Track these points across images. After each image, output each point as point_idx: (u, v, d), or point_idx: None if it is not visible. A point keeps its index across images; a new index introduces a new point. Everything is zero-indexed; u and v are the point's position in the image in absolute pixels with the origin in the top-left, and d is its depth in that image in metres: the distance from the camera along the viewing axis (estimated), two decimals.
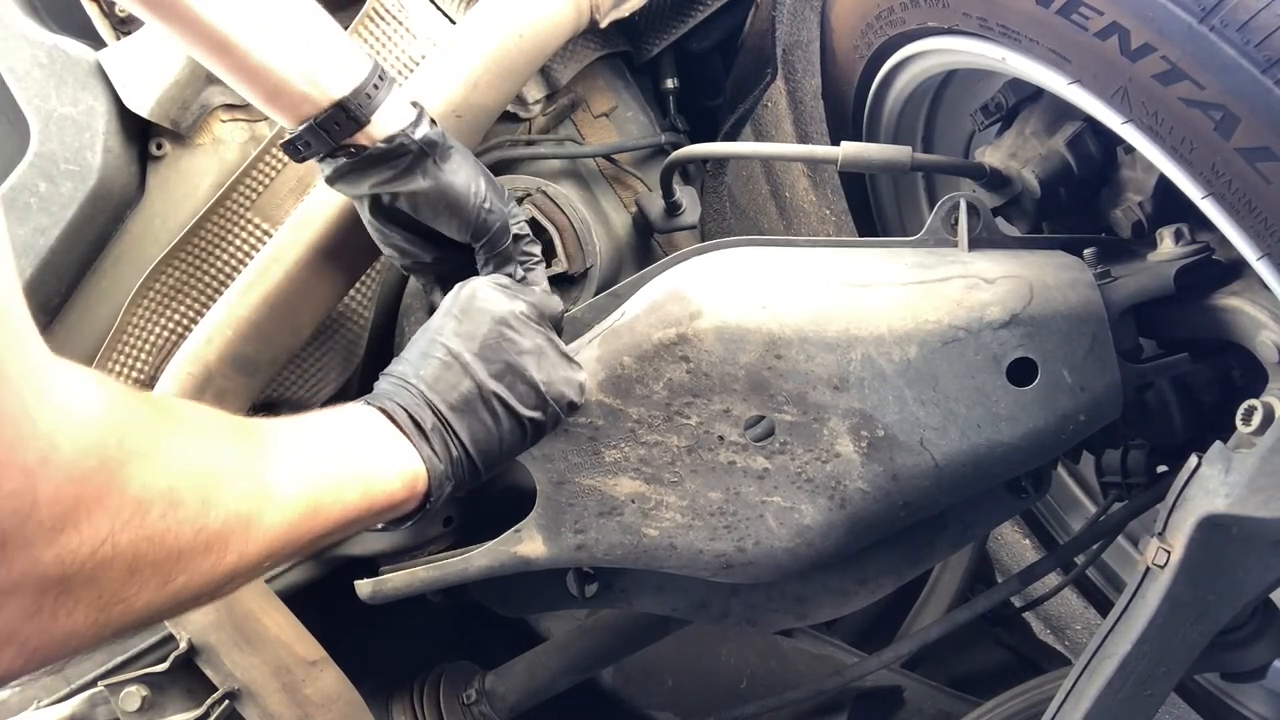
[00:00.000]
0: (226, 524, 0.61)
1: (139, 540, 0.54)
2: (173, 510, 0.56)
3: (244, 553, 0.64)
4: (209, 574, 0.61)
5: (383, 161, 0.92)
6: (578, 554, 0.95)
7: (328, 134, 0.91)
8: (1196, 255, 0.94)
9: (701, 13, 1.38)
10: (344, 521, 0.75)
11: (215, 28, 0.86)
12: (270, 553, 0.67)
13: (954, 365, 0.92)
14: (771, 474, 0.93)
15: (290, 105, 0.91)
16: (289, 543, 0.69)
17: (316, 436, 0.77)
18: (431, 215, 0.96)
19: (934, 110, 1.23)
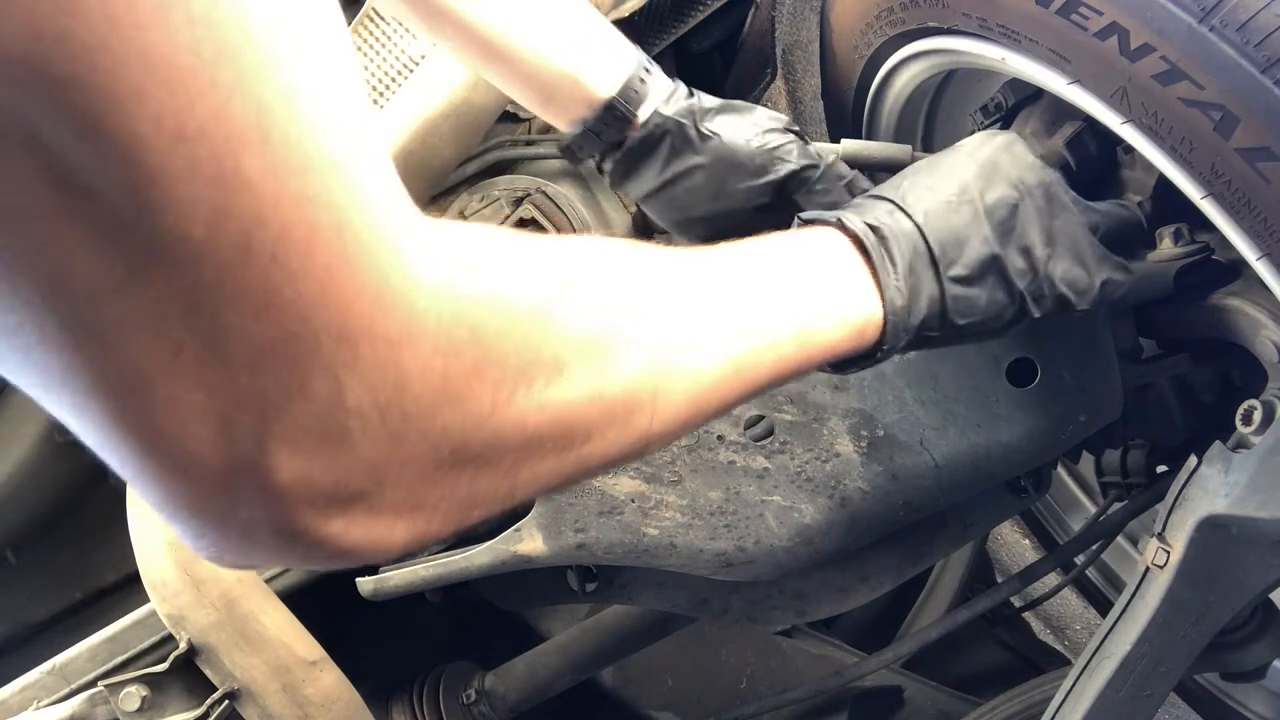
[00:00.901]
0: (629, 392, 0.55)
1: (528, 412, 0.50)
2: (562, 379, 0.51)
3: (654, 417, 0.57)
4: (617, 441, 0.56)
5: (644, 152, 0.89)
6: (578, 552, 0.95)
7: (598, 136, 0.89)
8: (1196, 255, 0.94)
9: (701, 13, 1.38)
10: (772, 379, 0.66)
11: (486, 37, 0.85)
12: (686, 418, 0.60)
13: (954, 365, 0.92)
14: (771, 473, 0.93)
15: (562, 110, 0.89)
16: (706, 407, 0.61)
17: (753, 271, 0.67)
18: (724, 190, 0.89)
19: (934, 110, 1.23)
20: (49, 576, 1.34)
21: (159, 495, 0.44)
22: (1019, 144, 0.81)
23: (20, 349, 0.40)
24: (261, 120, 0.38)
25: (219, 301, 0.39)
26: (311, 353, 0.41)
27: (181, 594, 1.04)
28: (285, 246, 0.40)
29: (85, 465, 1.28)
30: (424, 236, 0.46)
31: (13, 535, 1.30)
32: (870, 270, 0.71)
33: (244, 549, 0.46)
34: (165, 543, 1.04)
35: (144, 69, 0.35)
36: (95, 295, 0.38)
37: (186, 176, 0.37)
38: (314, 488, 0.44)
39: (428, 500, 0.49)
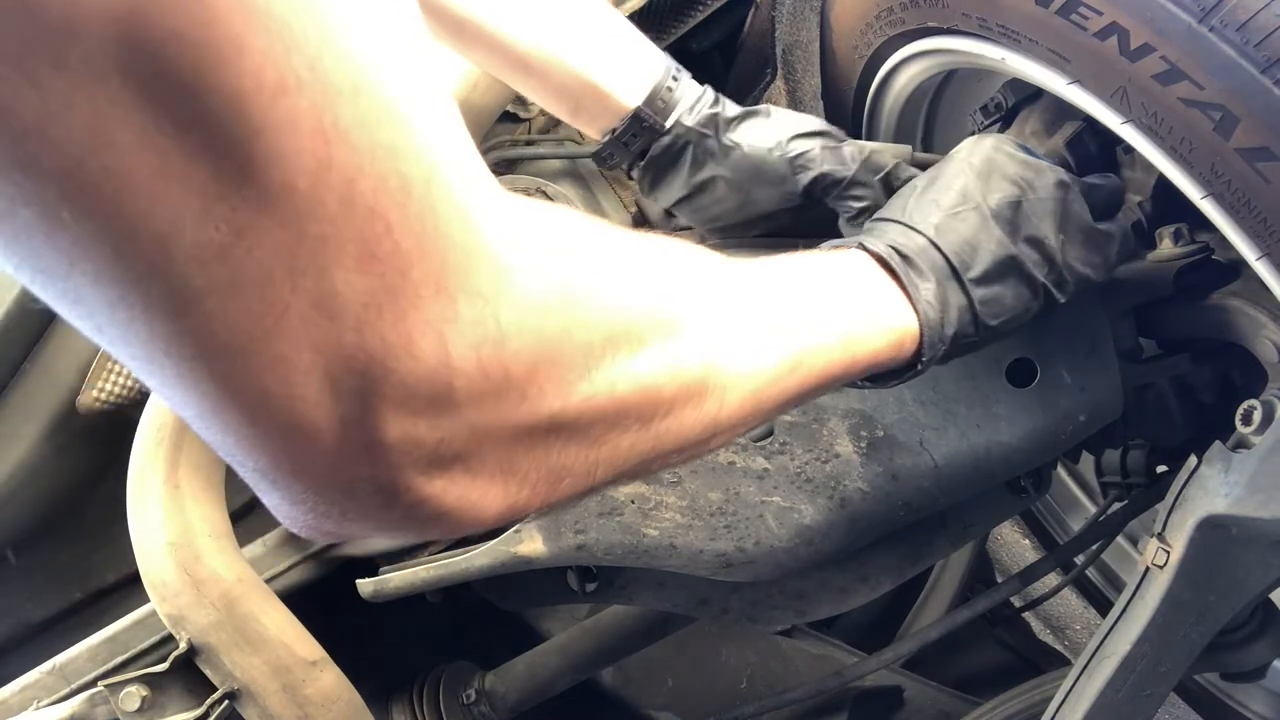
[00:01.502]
0: (703, 373, 0.56)
1: (617, 379, 0.51)
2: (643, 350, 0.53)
3: (723, 403, 0.58)
4: (691, 422, 0.57)
5: (668, 162, 0.90)
6: (578, 554, 0.95)
7: (626, 146, 0.89)
8: (1196, 255, 0.94)
9: (701, 13, 1.38)
10: (825, 380, 0.67)
11: (514, 50, 0.86)
12: (749, 410, 0.61)
13: (953, 366, 0.92)
14: (771, 474, 0.93)
15: (592, 120, 0.90)
16: (767, 401, 0.63)
17: (795, 281, 0.69)
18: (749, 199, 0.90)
19: (934, 110, 1.23)
20: (49, 576, 1.34)
21: (263, 461, 0.44)
22: (1007, 143, 0.83)
23: (123, 320, 0.39)
24: (352, 73, 0.38)
25: (324, 257, 0.39)
26: (414, 307, 0.42)
27: (181, 594, 1.04)
28: (382, 197, 0.40)
29: (85, 465, 1.28)
30: (501, 199, 0.46)
31: (13, 535, 1.30)
32: (900, 287, 0.73)
33: (345, 513, 0.47)
34: (165, 543, 1.04)
35: (243, 20, 0.35)
36: (202, 257, 0.38)
37: (289, 129, 0.37)
38: (419, 447, 0.45)
39: (521, 466, 0.49)
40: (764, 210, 0.92)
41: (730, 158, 0.89)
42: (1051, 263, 0.79)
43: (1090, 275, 0.81)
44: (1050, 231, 0.79)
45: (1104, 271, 0.82)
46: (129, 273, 0.38)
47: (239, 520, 1.13)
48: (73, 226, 0.36)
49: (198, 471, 1.06)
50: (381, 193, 0.40)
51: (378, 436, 0.44)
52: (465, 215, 0.43)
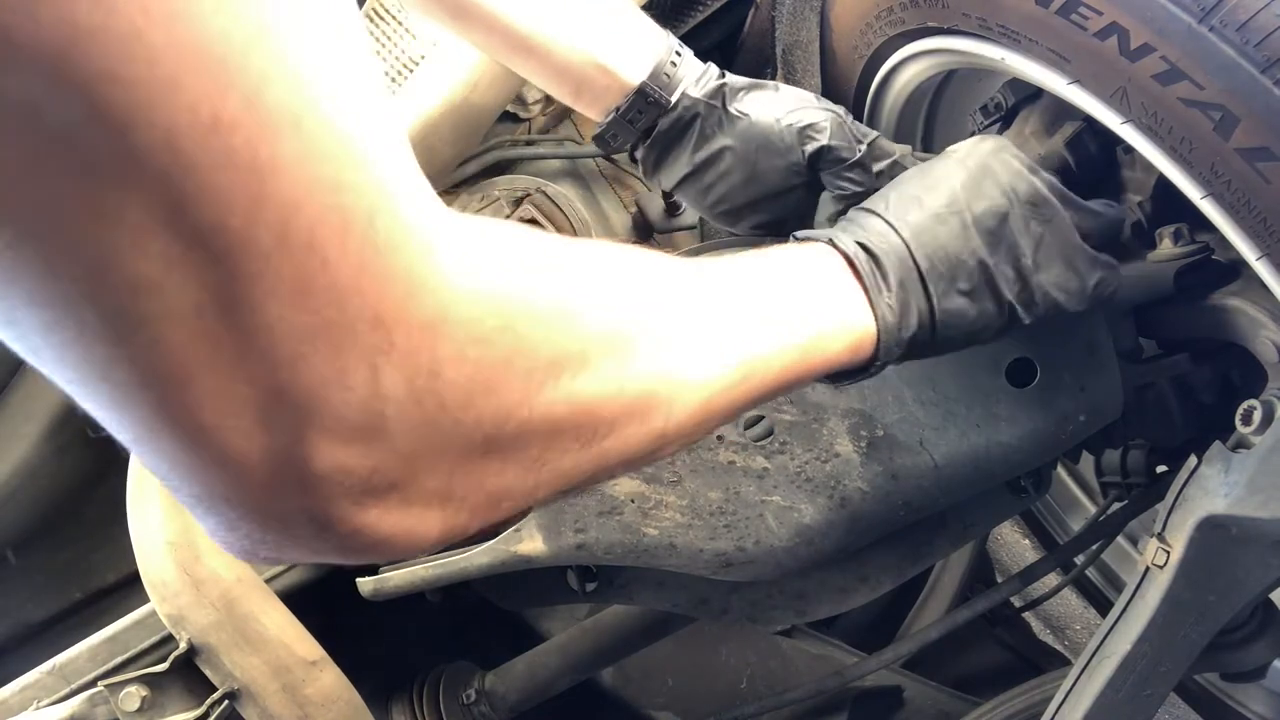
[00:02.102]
0: (647, 389, 0.56)
1: (555, 403, 0.51)
2: (587, 372, 0.52)
3: (669, 417, 0.58)
4: (636, 438, 0.57)
5: (675, 136, 0.89)
6: (578, 553, 0.95)
7: (631, 124, 0.88)
8: (1196, 255, 0.94)
9: (701, 13, 1.38)
10: (777, 385, 0.67)
11: (513, 29, 0.85)
12: (698, 420, 0.61)
13: (953, 365, 0.92)
14: (771, 473, 0.93)
15: (595, 99, 0.89)
16: (717, 410, 0.62)
17: (753, 283, 0.68)
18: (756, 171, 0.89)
19: (934, 110, 1.23)
20: (49, 576, 1.34)
21: (197, 489, 0.45)
22: (1008, 149, 0.81)
23: (57, 344, 0.40)
24: (293, 106, 0.38)
25: (258, 292, 0.39)
26: (349, 341, 0.42)
27: (181, 594, 1.04)
28: (320, 233, 0.40)
29: (85, 465, 1.28)
30: (450, 228, 0.46)
31: (13, 535, 1.30)
32: (863, 287, 0.72)
33: (280, 541, 0.47)
34: (165, 543, 1.04)
35: (177, 59, 0.35)
36: (135, 287, 0.38)
37: (223, 165, 0.37)
38: (351, 477, 0.45)
39: (459, 491, 0.49)
40: (769, 184, 0.90)
41: (737, 126, 0.88)
42: (1024, 282, 0.77)
43: (1062, 302, 0.79)
44: (1029, 250, 0.77)
45: (1080, 301, 0.80)
46: (63, 298, 0.38)
47: None
48: (7, 252, 0.37)
49: None
50: (320, 228, 0.40)
51: (309, 467, 0.44)
52: (408, 247, 0.43)
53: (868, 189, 0.88)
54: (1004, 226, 0.77)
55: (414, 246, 0.43)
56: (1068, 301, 0.79)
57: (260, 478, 0.43)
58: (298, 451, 0.43)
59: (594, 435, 0.54)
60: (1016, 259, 0.77)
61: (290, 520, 0.46)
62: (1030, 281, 0.77)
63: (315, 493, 0.45)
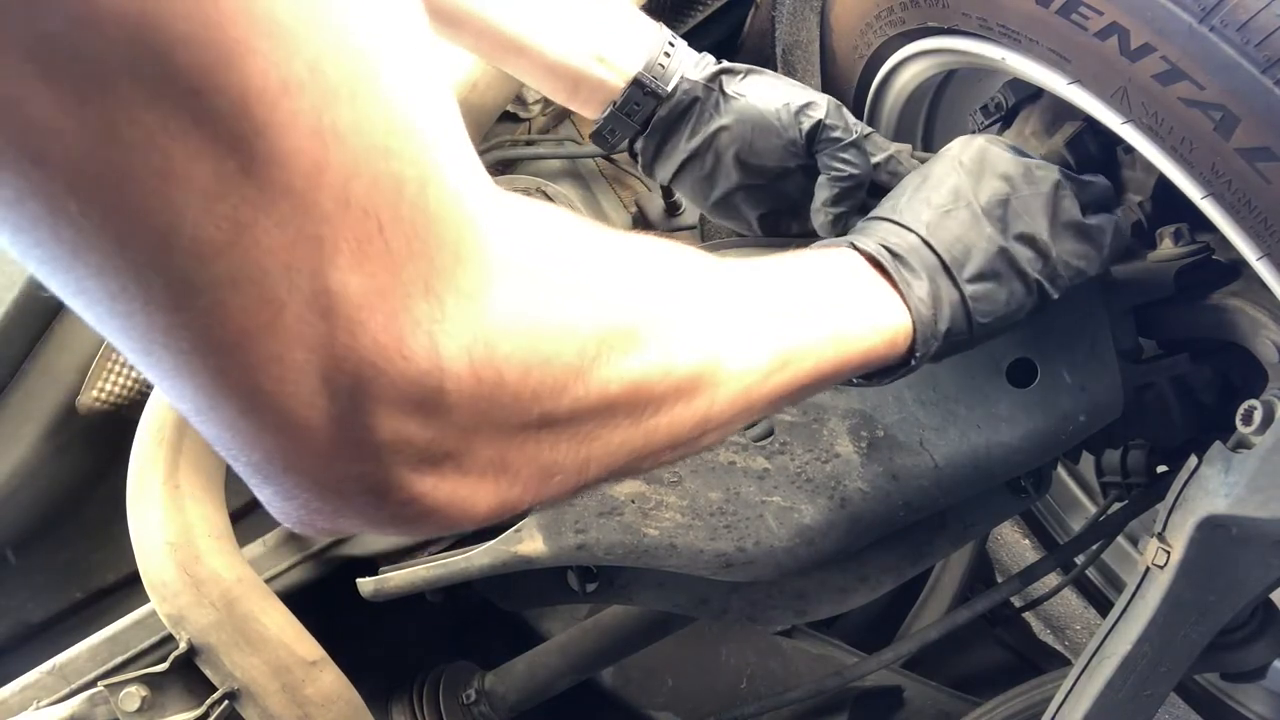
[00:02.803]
0: (694, 371, 0.57)
1: (609, 379, 0.52)
2: (637, 351, 0.53)
3: (714, 400, 0.59)
4: (682, 418, 0.58)
5: (673, 121, 0.89)
6: (578, 553, 0.95)
7: (629, 117, 0.89)
8: (1196, 255, 0.94)
9: (701, 13, 1.38)
10: (816, 377, 0.68)
11: (504, 32, 0.86)
12: (740, 407, 0.62)
13: (954, 366, 0.92)
14: (771, 474, 0.93)
15: (591, 96, 0.89)
16: (758, 398, 0.63)
17: (787, 281, 0.69)
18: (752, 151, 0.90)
19: (934, 110, 1.23)
20: (49, 576, 1.34)
21: (256, 456, 0.45)
22: (996, 142, 0.84)
23: (123, 312, 0.40)
24: (351, 76, 0.39)
25: (318, 256, 0.40)
26: (405, 309, 0.42)
27: (181, 594, 1.04)
28: (376, 198, 0.40)
29: (85, 465, 1.28)
30: (498, 202, 0.47)
31: (13, 535, 1.30)
32: (892, 285, 0.74)
33: (336, 509, 0.47)
34: (165, 543, 1.04)
35: (249, 24, 0.36)
36: (202, 254, 0.39)
37: (289, 130, 0.38)
38: (410, 445, 0.45)
39: (513, 464, 0.50)
40: (766, 165, 0.91)
41: (735, 105, 0.89)
42: (1045, 258, 0.80)
43: (1084, 268, 0.82)
44: (1042, 227, 0.80)
45: (1098, 264, 0.83)
46: (130, 266, 0.38)
47: (239, 520, 1.13)
48: (78, 219, 0.37)
49: (198, 471, 1.06)
50: (375, 193, 0.40)
51: (369, 436, 0.44)
52: (456, 216, 0.44)
53: (863, 172, 0.90)
54: (1010, 210, 0.79)
55: (462, 216, 0.44)
56: (1088, 266, 0.82)
57: (320, 445, 0.44)
58: (357, 418, 0.43)
59: (644, 412, 0.55)
60: (1032, 238, 0.79)
61: (347, 488, 0.46)
62: (1051, 256, 0.80)
63: (374, 460, 0.45)
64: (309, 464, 0.45)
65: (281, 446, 0.44)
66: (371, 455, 0.45)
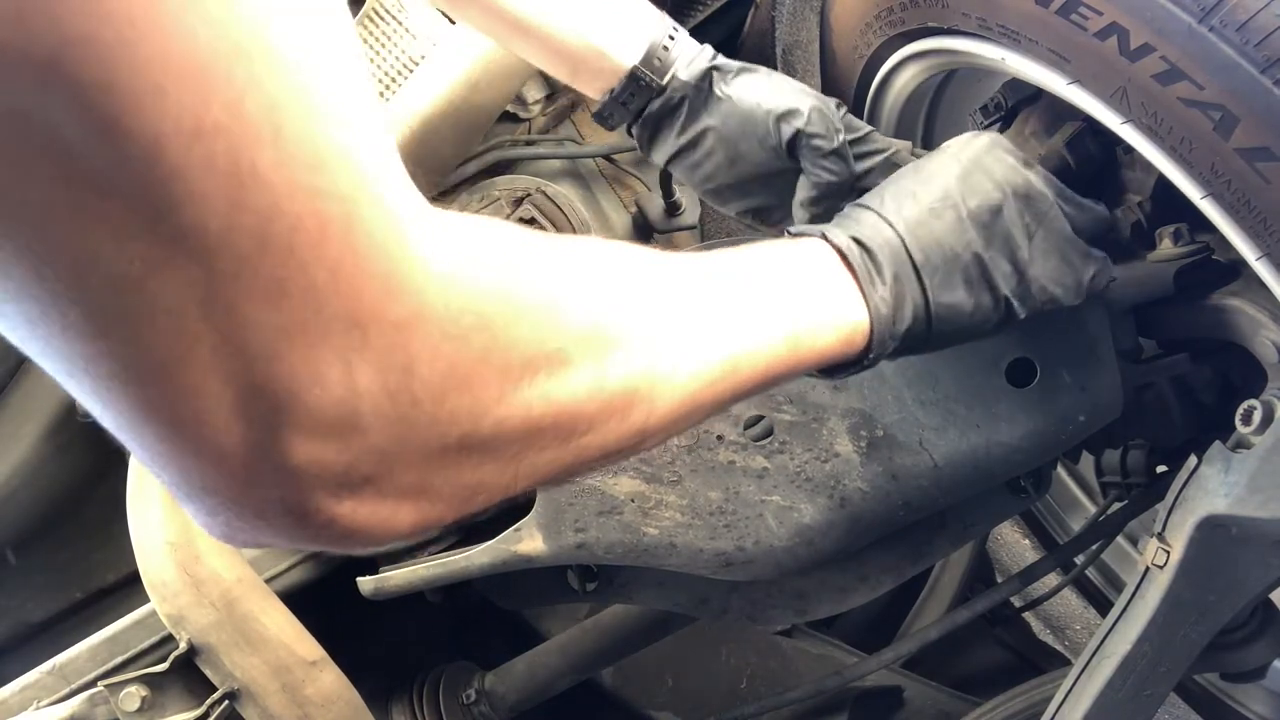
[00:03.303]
0: (627, 386, 0.56)
1: (532, 401, 0.51)
2: (565, 371, 0.52)
3: (651, 412, 0.58)
4: (615, 434, 0.57)
5: (664, 116, 0.90)
6: (578, 552, 0.95)
7: (624, 105, 0.90)
8: (1196, 255, 0.94)
9: (701, 13, 1.38)
10: (766, 379, 0.67)
11: (510, 10, 0.86)
12: (683, 413, 0.61)
13: (953, 365, 0.92)
14: (771, 473, 0.93)
15: (590, 80, 0.90)
16: (702, 404, 0.62)
17: (744, 276, 0.68)
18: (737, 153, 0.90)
19: (934, 110, 1.23)
20: (49, 576, 1.34)
21: (176, 477, 0.46)
22: (1001, 144, 0.81)
23: (43, 337, 0.41)
24: (274, 116, 0.39)
25: (236, 293, 0.41)
26: (324, 340, 0.43)
27: (181, 594, 1.04)
28: (299, 237, 0.41)
29: (85, 465, 1.28)
30: (431, 227, 0.47)
31: (13, 535, 1.30)
32: (856, 281, 0.72)
33: (257, 528, 0.48)
34: (165, 543, 1.04)
35: (163, 68, 0.36)
36: (117, 286, 0.39)
37: (204, 172, 0.38)
38: (327, 470, 0.46)
39: (433, 485, 0.50)
40: (751, 166, 0.91)
41: (721, 108, 0.89)
42: (1020, 276, 0.78)
43: (1059, 296, 0.80)
44: (1024, 243, 0.78)
45: (1074, 295, 0.81)
46: (48, 294, 0.39)
47: None
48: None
49: None
50: (298, 233, 0.41)
51: (285, 461, 0.45)
52: (385, 248, 0.44)
53: (843, 179, 0.89)
54: (998, 220, 0.77)
55: (391, 248, 0.44)
56: (1063, 295, 0.80)
57: (236, 469, 0.44)
58: (273, 445, 0.44)
59: (572, 433, 0.55)
60: (1012, 252, 0.77)
61: (266, 510, 0.47)
62: (1026, 275, 0.78)
63: (291, 485, 0.45)
64: (227, 487, 0.45)
65: (201, 470, 0.45)
66: (288, 480, 0.45)
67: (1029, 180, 0.80)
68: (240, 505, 0.46)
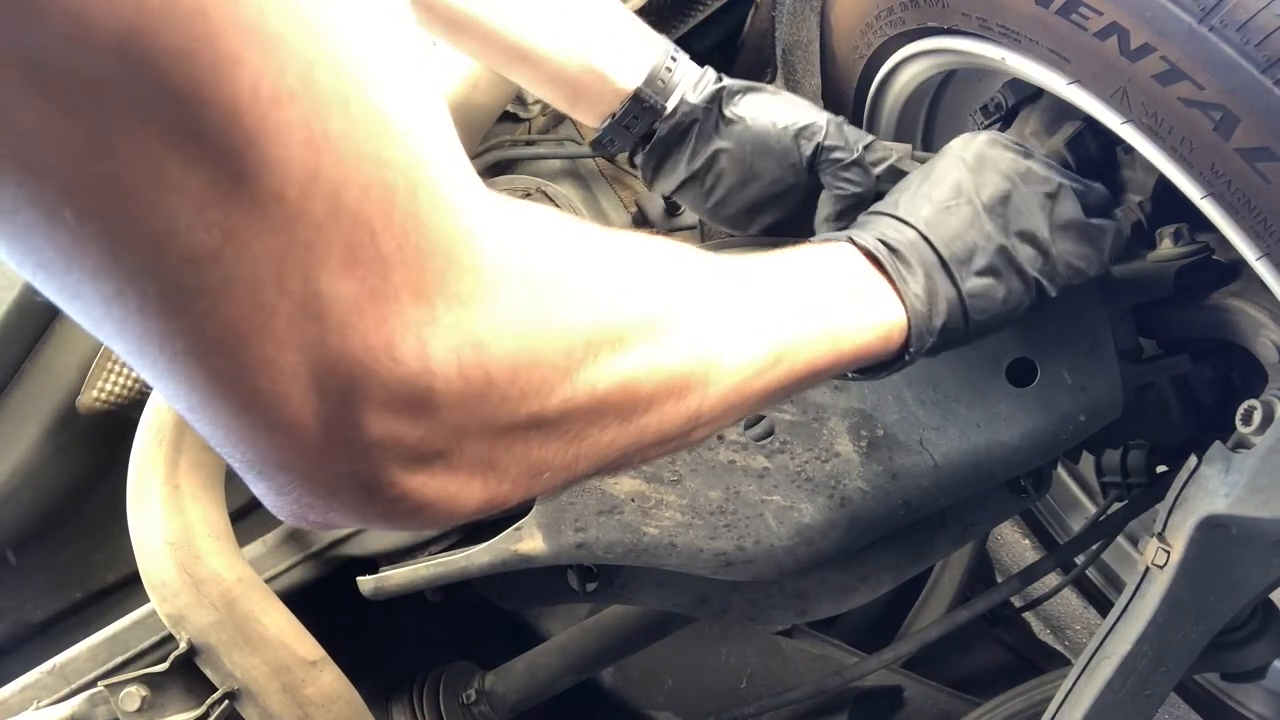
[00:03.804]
0: (684, 369, 0.58)
1: (596, 380, 0.52)
2: (625, 350, 0.54)
3: (705, 397, 0.60)
4: (672, 416, 0.58)
5: (673, 142, 0.90)
6: (578, 552, 0.95)
7: (628, 129, 0.89)
8: (1196, 255, 0.94)
9: (701, 13, 1.38)
10: (810, 372, 0.68)
11: (507, 39, 0.86)
12: (732, 403, 0.62)
13: (954, 365, 0.92)
14: (771, 473, 0.93)
15: (591, 106, 0.90)
16: (751, 394, 0.63)
17: (781, 276, 0.69)
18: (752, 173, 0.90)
19: (934, 110, 1.23)
20: (49, 576, 1.34)
21: (250, 454, 0.46)
22: (999, 139, 0.83)
23: (118, 316, 0.41)
24: (342, 85, 0.40)
25: (310, 262, 0.41)
26: (395, 312, 0.43)
27: (181, 594, 1.04)
28: (367, 205, 0.41)
29: (85, 465, 1.28)
30: (490, 209, 0.47)
31: (13, 535, 1.30)
32: (888, 280, 0.74)
33: (328, 505, 0.48)
34: (165, 543, 1.04)
35: (240, 36, 0.37)
36: (195, 259, 0.39)
37: (280, 139, 0.39)
38: (400, 444, 0.46)
39: (501, 462, 0.51)
40: (767, 186, 0.91)
41: (734, 129, 0.90)
42: (1045, 256, 0.80)
43: (1083, 268, 0.82)
44: (1042, 225, 0.80)
45: (1097, 266, 0.83)
46: (125, 271, 0.39)
47: (239, 520, 1.13)
48: (73, 226, 0.38)
49: (197, 471, 1.06)
50: (366, 200, 0.41)
51: (360, 435, 0.45)
52: (447, 221, 0.44)
53: (866, 189, 0.90)
54: (1011, 208, 0.79)
55: (453, 222, 0.45)
56: (1088, 267, 0.82)
57: (311, 444, 0.45)
58: (348, 419, 0.44)
59: (633, 412, 0.56)
60: (1034, 235, 0.80)
61: (339, 485, 0.47)
62: (1051, 254, 0.80)
63: (364, 459, 0.46)
64: (301, 462, 0.46)
65: (275, 445, 0.45)
66: (362, 454, 0.46)
67: (1032, 168, 0.82)
68: (313, 480, 0.47)
